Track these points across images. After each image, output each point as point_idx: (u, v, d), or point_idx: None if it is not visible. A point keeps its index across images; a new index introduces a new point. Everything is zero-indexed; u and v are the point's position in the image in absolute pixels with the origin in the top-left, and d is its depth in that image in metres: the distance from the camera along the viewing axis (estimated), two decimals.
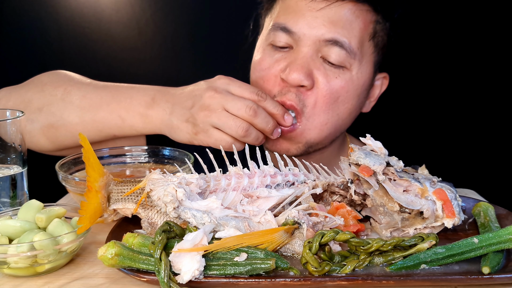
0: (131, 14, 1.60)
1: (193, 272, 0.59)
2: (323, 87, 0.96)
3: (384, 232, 0.73)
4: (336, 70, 0.97)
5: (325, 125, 1.00)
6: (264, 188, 0.73)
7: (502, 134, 1.55)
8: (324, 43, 0.96)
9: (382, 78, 1.11)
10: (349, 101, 1.00)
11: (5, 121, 0.79)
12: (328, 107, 0.98)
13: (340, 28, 0.96)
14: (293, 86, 0.96)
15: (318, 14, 0.96)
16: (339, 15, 0.96)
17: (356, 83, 0.99)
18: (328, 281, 0.60)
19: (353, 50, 0.96)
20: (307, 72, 0.95)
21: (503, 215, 0.78)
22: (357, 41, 0.97)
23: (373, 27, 1.00)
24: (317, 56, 0.97)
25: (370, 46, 1.01)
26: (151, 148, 1.01)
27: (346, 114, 1.02)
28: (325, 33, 0.95)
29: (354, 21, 0.97)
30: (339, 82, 0.97)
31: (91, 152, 0.72)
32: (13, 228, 0.68)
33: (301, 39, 0.97)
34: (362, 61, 0.99)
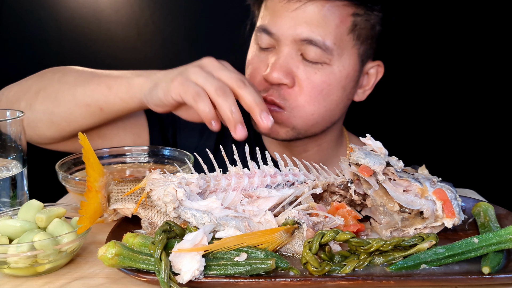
0: (131, 14, 1.60)
1: (193, 272, 0.59)
2: (304, 83, 1.01)
3: (384, 232, 0.73)
4: (315, 66, 1.01)
5: (312, 115, 1.04)
6: (264, 188, 0.73)
7: (502, 134, 1.55)
8: (301, 42, 1.00)
9: (376, 66, 1.13)
10: (333, 93, 1.04)
11: (5, 121, 0.79)
12: (312, 100, 1.03)
13: (315, 27, 0.99)
14: (274, 85, 1.01)
15: (293, 14, 1.00)
16: (314, 13, 1.00)
17: (338, 76, 1.03)
18: (328, 281, 0.60)
19: (328, 47, 1.00)
20: (286, 71, 1.00)
21: (503, 215, 0.78)
22: (332, 37, 1.00)
23: (352, 20, 1.03)
24: (297, 54, 1.01)
25: (350, 39, 1.03)
26: (151, 148, 1.01)
27: (334, 105, 1.06)
28: (301, 33, 0.99)
29: (329, 18, 1.00)
30: (319, 77, 1.01)
31: (91, 152, 0.72)
32: (13, 228, 0.68)
33: (280, 39, 1.01)
34: (342, 54, 1.02)
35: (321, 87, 1.02)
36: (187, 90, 0.84)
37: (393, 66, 1.54)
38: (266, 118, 0.85)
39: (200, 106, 0.84)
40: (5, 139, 0.80)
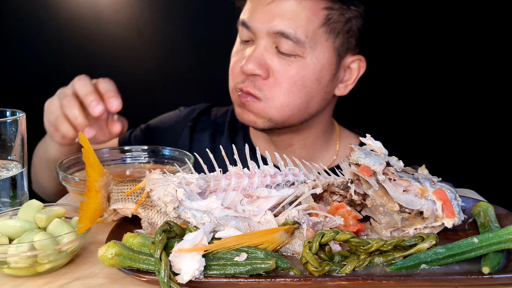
0: (131, 15, 1.60)
1: (193, 272, 0.59)
2: (278, 75, 1.04)
3: (384, 232, 0.73)
4: (289, 59, 1.04)
5: (287, 106, 1.07)
6: (264, 188, 0.73)
7: (502, 134, 1.55)
8: (275, 35, 1.03)
9: (357, 61, 1.13)
10: (308, 85, 1.06)
11: (5, 121, 0.79)
12: (287, 91, 1.05)
13: (287, 20, 1.02)
14: (250, 76, 1.05)
15: (268, 8, 1.04)
16: (287, 7, 1.03)
17: (312, 68, 1.05)
18: (328, 281, 0.60)
19: (300, 39, 1.02)
20: (260, 63, 1.04)
21: (503, 215, 0.78)
22: (304, 30, 1.03)
23: (324, 13, 1.05)
24: (272, 47, 1.05)
25: (323, 32, 1.05)
26: (151, 148, 1.01)
27: (309, 97, 1.08)
28: (274, 26, 1.03)
29: (301, 12, 1.03)
30: (293, 69, 1.04)
31: (91, 152, 0.72)
32: (13, 228, 0.68)
33: (256, 32, 1.05)
34: (316, 47, 1.05)
35: (295, 79, 1.04)
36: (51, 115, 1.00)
37: (393, 66, 1.54)
38: (94, 106, 0.94)
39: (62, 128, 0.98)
40: (5, 139, 0.80)
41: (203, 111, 1.32)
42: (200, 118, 1.31)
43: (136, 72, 1.64)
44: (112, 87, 0.97)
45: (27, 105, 1.12)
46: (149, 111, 1.50)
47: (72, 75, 1.63)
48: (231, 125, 1.28)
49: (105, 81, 0.98)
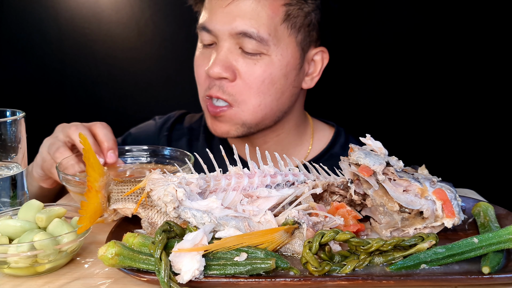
0: (131, 15, 1.60)
1: (193, 272, 0.59)
2: (245, 75, 1.04)
3: (384, 232, 0.73)
4: (254, 58, 1.04)
5: (258, 106, 1.07)
6: (264, 188, 0.73)
7: (502, 134, 1.55)
8: (237, 35, 1.03)
9: (320, 52, 1.14)
10: (276, 82, 1.07)
11: (5, 121, 0.79)
12: (256, 91, 1.06)
13: (248, 20, 1.02)
14: (216, 80, 1.05)
15: (227, 10, 1.03)
16: (246, 7, 1.03)
17: (278, 65, 1.06)
18: (328, 281, 0.60)
19: (263, 38, 1.03)
20: (225, 65, 1.04)
21: (503, 215, 0.78)
22: (266, 28, 1.03)
23: (284, 10, 1.05)
24: (236, 48, 1.05)
25: (285, 28, 1.06)
26: (151, 148, 1.01)
27: (279, 94, 1.08)
28: (235, 27, 1.03)
29: (261, 10, 1.03)
30: (259, 68, 1.04)
31: (91, 152, 0.72)
32: (13, 228, 0.68)
33: (218, 35, 1.05)
34: (279, 44, 1.05)
35: (262, 77, 1.05)
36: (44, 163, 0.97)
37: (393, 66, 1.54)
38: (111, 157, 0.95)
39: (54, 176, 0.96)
40: (5, 139, 0.80)
41: (177, 119, 1.33)
42: (175, 126, 1.32)
43: (136, 72, 1.64)
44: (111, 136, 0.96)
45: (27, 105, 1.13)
46: (149, 111, 1.50)
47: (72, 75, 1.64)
48: (206, 130, 1.28)
49: (103, 127, 0.96)
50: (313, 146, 1.23)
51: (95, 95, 1.66)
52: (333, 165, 0.81)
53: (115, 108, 1.67)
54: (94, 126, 0.96)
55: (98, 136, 0.95)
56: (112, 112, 1.67)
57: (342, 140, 1.23)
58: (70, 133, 0.96)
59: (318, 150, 1.22)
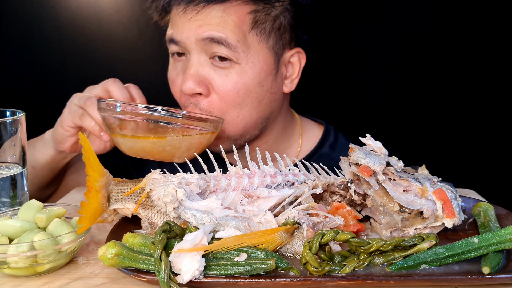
0: (131, 15, 1.60)
1: (193, 272, 0.59)
2: (219, 89, 1.01)
3: (384, 232, 0.73)
4: (225, 68, 1.01)
5: (237, 117, 1.04)
6: (264, 188, 0.73)
7: (502, 134, 1.55)
8: (204, 42, 1.00)
9: (296, 53, 1.11)
10: (251, 91, 1.03)
11: (5, 121, 0.79)
12: (233, 103, 1.03)
13: (215, 26, 1.00)
14: (191, 96, 1.02)
15: (194, 19, 1.01)
16: (212, 16, 1.00)
17: (250, 73, 1.02)
18: (328, 281, 0.60)
19: (231, 44, 0.99)
20: (197, 80, 1.01)
21: (503, 215, 0.78)
22: (234, 35, 1.00)
23: (251, 18, 1.02)
24: (206, 59, 1.02)
25: (254, 36, 1.03)
26: None
27: (256, 103, 1.05)
28: (202, 32, 0.99)
29: (227, 18, 1.00)
30: (231, 78, 1.01)
31: (91, 152, 0.72)
32: (13, 228, 0.68)
33: (186, 45, 1.02)
34: (249, 52, 1.02)
35: (236, 89, 1.01)
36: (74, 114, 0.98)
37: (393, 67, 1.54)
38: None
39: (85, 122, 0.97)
40: (5, 139, 0.80)
41: None
42: None
43: (137, 72, 1.64)
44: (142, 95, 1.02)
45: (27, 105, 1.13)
46: None
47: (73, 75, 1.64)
48: None
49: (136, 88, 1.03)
50: (303, 146, 1.21)
51: None
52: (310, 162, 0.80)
53: None
54: (128, 85, 1.02)
55: (131, 93, 1.01)
56: None
57: (331, 139, 1.21)
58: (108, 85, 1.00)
59: (307, 150, 1.21)
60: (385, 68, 1.55)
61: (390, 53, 1.54)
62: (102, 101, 0.88)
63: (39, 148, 1.06)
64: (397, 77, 1.56)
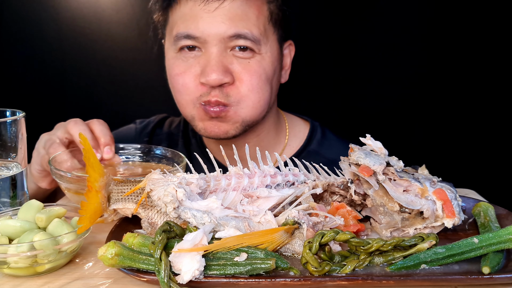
0: (131, 15, 1.60)
1: (193, 272, 0.59)
2: (242, 76, 1.03)
3: (384, 232, 0.73)
4: (247, 57, 1.04)
5: (258, 102, 1.07)
6: (264, 188, 0.73)
7: (502, 134, 1.55)
8: (229, 39, 1.01)
9: (288, 46, 1.16)
10: (270, 78, 1.08)
11: (5, 121, 0.79)
12: (256, 88, 1.05)
13: (239, 21, 1.01)
14: (215, 87, 1.02)
15: (215, 14, 1.01)
16: (234, 9, 1.01)
17: (268, 61, 1.06)
18: (328, 281, 0.60)
19: (256, 37, 1.03)
20: (224, 69, 1.01)
21: (503, 215, 0.78)
22: (257, 28, 1.03)
23: (267, 8, 1.06)
24: (227, 51, 1.03)
25: (271, 26, 1.07)
26: (144, 147, 1.01)
27: (274, 89, 1.11)
28: (227, 30, 1.01)
29: (249, 11, 1.03)
30: (253, 66, 1.04)
31: (91, 152, 0.72)
32: (13, 228, 0.68)
33: (207, 40, 1.02)
34: (268, 42, 1.06)
35: (259, 73, 1.05)
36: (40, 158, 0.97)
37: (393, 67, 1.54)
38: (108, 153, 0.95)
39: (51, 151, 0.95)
40: (5, 139, 0.80)
41: (157, 124, 1.32)
42: (155, 131, 1.30)
43: (137, 72, 1.64)
44: (107, 132, 0.97)
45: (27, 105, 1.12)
46: (149, 111, 1.50)
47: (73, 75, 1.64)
48: (184, 135, 1.27)
49: (100, 124, 0.97)
50: (289, 142, 1.23)
51: (95, 95, 1.66)
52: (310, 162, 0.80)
53: (115, 108, 1.67)
54: (91, 122, 0.97)
55: (95, 132, 0.96)
56: (112, 112, 1.67)
57: (318, 136, 1.23)
58: (69, 128, 0.96)
59: (296, 147, 1.22)
60: (385, 68, 1.55)
61: (390, 53, 1.54)
62: (53, 167, 0.86)
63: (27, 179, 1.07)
64: (397, 77, 1.56)
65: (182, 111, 1.11)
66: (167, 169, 0.81)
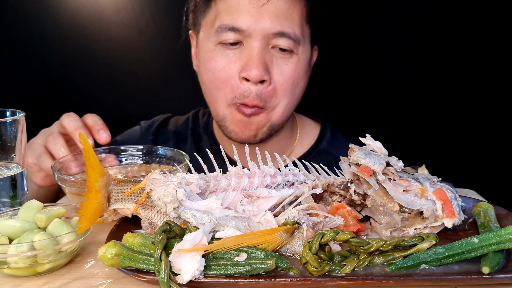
0: (131, 15, 1.60)
1: (193, 272, 0.59)
2: (279, 78, 1.04)
3: (384, 232, 0.73)
4: (285, 57, 1.04)
5: (286, 107, 1.08)
6: (264, 188, 0.73)
7: (502, 134, 1.55)
8: (273, 35, 1.02)
9: (314, 50, 1.17)
10: (301, 81, 1.09)
11: (5, 121, 0.79)
12: (288, 93, 1.06)
13: (284, 20, 1.02)
14: (254, 83, 1.02)
15: (262, 10, 1.02)
16: (281, 7, 1.02)
17: (303, 63, 1.08)
18: (328, 281, 0.60)
19: (298, 37, 1.04)
20: (264, 67, 1.02)
21: (503, 215, 0.78)
22: (299, 28, 1.05)
23: (307, 10, 1.07)
24: (268, 48, 1.04)
25: (308, 28, 1.08)
26: (146, 148, 1.01)
27: (301, 93, 1.12)
28: (272, 27, 1.01)
29: (293, 10, 1.04)
30: (290, 67, 1.05)
31: (91, 152, 0.72)
32: (13, 228, 0.68)
33: (251, 35, 1.02)
34: (304, 43, 1.08)
35: (292, 78, 1.05)
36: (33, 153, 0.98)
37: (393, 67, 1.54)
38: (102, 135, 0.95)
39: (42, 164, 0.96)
40: (5, 139, 0.80)
41: (162, 123, 1.32)
42: (160, 130, 1.31)
43: (137, 72, 1.64)
44: (100, 121, 0.97)
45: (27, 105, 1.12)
46: (150, 111, 1.50)
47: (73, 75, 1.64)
48: (194, 132, 1.28)
49: (92, 116, 0.98)
50: (300, 141, 1.23)
51: (95, 95, 1.66)
52: (321, 161, 0.81)
53: (115, 108, 1.66)
54: (84, 117, 0.99)
55: (87, 123, 0.97)
56: (112, 112, 1.66)
57: (328, 136, 1.24)
58: (62, 120, 0.97)
59: (307, 146, 1.23)
60: (385, 68, 1.55)
61: (390, 53, 1.54)
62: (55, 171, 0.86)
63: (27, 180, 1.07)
64: (397, 77, 1.56)
65: (215, 108, 1.10)
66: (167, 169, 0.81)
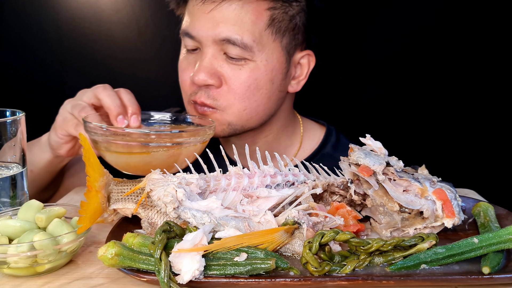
0: (131, 15, 1.60)
1: (193, 272, 0.59)
2: (231, 81, 1.03)
3: (384, 232, 0.73)
4: (239, 63, 1.03)
5: (244, 111, 1.06)
6: (264, 188, 0.73)
7: (502, 134, 1.55)
8: (221, 42, 1.01)
9: (307, 56, 1.13)
10: (262, 87, 1.06)
11: (5, 121, 0.79)
12: (242, 97, 1.04)
13: (231, 26, 1.00)
14: (202, 86, 1.04)
15: (210, 16, 1.01)
16: (229, 12, 1.01)
17: (263, 70, 1.04)
18: (328, 281, 0.60)
19: (247, 44, 1.01)
20: (210, 72, 1.02)
21: (503, 215, 0.78)
22: (250, 34, 1.01)
23: (268, 15, 1.03)
24: (220, 53, 1.03)
25: (269, 34, 1.04)
26: (174, 116, 1.05)
27: (265, 99, 1.08)
28: (219, 33, 1.01)
29: (245, 16, 1.01)
30: (244, 73, 1.03)
31: (91, 152, 0.72)
32: (13, 228, 0.68)
33: (202, 41, 1.03)
34: (264, 50, 1.04)
35: (248, 83, 1.03)
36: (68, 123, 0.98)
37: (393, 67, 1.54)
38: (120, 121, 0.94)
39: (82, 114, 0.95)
40: (5, 139, 0.80)
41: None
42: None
43: (137, 72, 1.64)
44: (134, 104, 0.98)
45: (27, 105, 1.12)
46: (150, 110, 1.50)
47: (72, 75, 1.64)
48: None
49: (127, 94, 0.98)
50: (304, 145, 1.23)
51: None
52: (324, 165, 0.81)
53: None
54: (119, 91, 0.99)
55: (123, 100, 0.97)
56: None
57: (333, 140, 1.23)
58: (98, 92, 0.97)
59: (310, 150, 1.22)
60: (385, 68, 1.55)
61: (390, 53, 1.54)
62: (89, 123, 0.87)
63: (36, 152, 1.06)
64: (397, 77, 1.56)
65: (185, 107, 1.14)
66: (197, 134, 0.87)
